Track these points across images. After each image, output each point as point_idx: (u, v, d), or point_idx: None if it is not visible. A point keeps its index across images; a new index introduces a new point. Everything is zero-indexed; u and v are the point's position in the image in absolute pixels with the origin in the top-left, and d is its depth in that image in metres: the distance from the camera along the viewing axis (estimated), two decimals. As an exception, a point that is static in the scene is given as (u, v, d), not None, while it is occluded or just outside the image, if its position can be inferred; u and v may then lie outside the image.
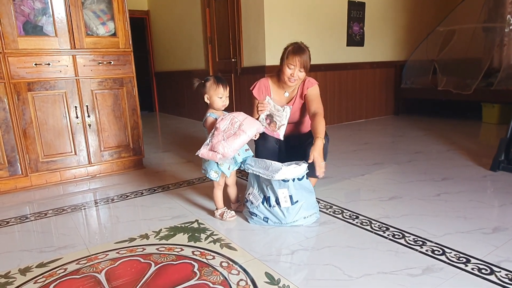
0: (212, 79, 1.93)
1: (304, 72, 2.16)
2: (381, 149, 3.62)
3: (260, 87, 2.30)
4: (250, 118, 1.86)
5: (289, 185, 1.83)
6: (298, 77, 2.16)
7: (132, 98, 3.02)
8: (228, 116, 1.85)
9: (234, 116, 1.84)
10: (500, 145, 2.71)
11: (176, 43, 6.33)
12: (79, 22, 2.72)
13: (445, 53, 5.15)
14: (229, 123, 1.81)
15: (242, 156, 1.95)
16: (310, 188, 1.93)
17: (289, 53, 2.14)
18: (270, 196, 1.87)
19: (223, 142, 1.76)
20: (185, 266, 1.53)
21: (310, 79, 2.31)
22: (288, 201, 1.84)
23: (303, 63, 2.11)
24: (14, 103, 2.55)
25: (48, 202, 2.43)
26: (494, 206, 2.09)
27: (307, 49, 2.16)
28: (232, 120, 1.82)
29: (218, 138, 1.79)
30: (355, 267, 1.48)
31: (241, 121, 1.81)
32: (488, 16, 4.95)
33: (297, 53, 2.12)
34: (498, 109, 4.62)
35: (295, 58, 2.11)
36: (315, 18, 4.60)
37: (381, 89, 5.56)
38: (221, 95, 1.92)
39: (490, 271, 1.41)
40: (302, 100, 2.30)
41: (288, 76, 2.15)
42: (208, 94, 1.93)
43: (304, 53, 2.13)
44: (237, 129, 1.79)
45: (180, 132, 5.11)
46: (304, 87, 2.28)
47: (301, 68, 2.12)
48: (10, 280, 1.49)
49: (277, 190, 1.84)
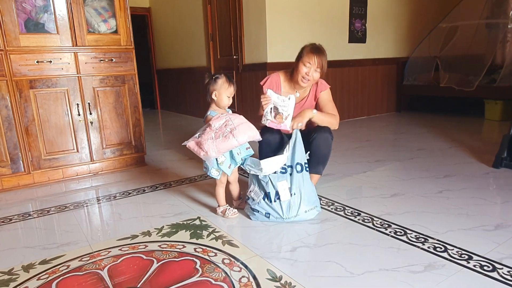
0: (224, 77, 1.91)
1: (320, 73, 2.12)
2: (383, 146, 3.61)
3: (271, 83, 2.25)
4: (245, 124, 1.81)
5: (287, 177, 1.85)
6: (313, 77, 2.11)
7: (134, 95, 3.02)
8: (224, 116, 1.82)
9: (230, 118, 1.81)
10: (502, 142, 2.70)
11: (178, 40, 6.33)
12: (81, 20, 2.71)
13: (447, 49, 5.12)
14: (223, 123, 1.79)
15: (242, 155, 1.95)
16: (310, 181, 1.94)
17: (307, 51, 2.09)
18: (270, 192, 1.87)
19: (209, 141, 1.74)
20: (187, 263, 1.54)
21: (323, 82, 2.29)
22: (287, 194, 1.85)
23: (320, 63, 2.08)
24: (16, 101, 2.56)
25: (51, 199, 2.44)
26: (496, 203, 2.09)
27: (325, 51, 2.13)
28: (227, 121, 1.80)
29: (207, 135, 1.77)
30: (356, 264, 1.48)
31: (235, 125, 1.77)
32: (491, 12, 4.92)
33: (315, 52, 2.08)
34: (501, 106, 4.59)
35: (313, 57, 2.07)
36: (316, 14, 4.58)
37: (383, 86, 5.55)
38: (230, 94, 1.92)
39: (492, 268, 1.41)
40: (315, 102, 2.29)
41: (303, 74, 2.10)
42: (218, 91, 1.91)
43: (322, 54, 2.10)
44: (228, 132, 1.76)
45: (182, 129, 5.11)
46: (317, 89, 2.26)
47: (317, 68, 2.09)
48: (13, 276, 1.50)
49: (277, 184, 1.85)
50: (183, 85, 6.37)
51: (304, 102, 2.29)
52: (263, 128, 2.12)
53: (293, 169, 1.90)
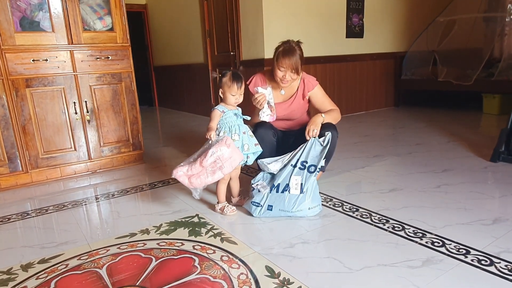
0: (228, 76, 1.92)
1: (296, 74, 2.13)
2: (382, 141, 3.61)
3: (256, 82, 2.30)
4: (233, 159, 1.84)
5: (302, 174, 1.92)
6: (291, 78, 2.14)
7: (131, 93, 3.01)
8: (215, 153, 1.82)
9: (220, 156, 1.82)
10: (500, 136, 2.70)
11: (175, 37, 6.30)
12: (76, 17, 2.70)
13: (445, 43, 5.11)
14: (213, 160, 1.82)
15: (251, 150, 1.98)
16: (316, 180, 1.97)
17: (279, 55, 2.11)
18: (280, 183, 1.92)
19: (199, 180, 1.82)
20: (186, 260, 1.54)
21: (310, 79, 2.29)
22: (298, 189, 1.89)
23: (292, 66, 2.09)
24: (13, 100, 2.55)
25: (49, 198, 2.43)
26: (494, 197, 2.09)
27: (297, 49, 2.12)
28: (217, 159, 1.82)
29: (197, 170, 1.84)
30: (355, 260, 1.48)
31: (223, 162, 1.82)
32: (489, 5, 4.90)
33: (286, 55, 2.08)
34: (499, 99, 4.59)
35: (285, 61, 2.08)
36: (314, 9, 4.56)
37: (381, 80, 5.54)
38: (234, 93, 1.92)
39: (489, 262, 1.41)
40: (303, 101, 2.30)
41: (280, 77, 2.14)
42: (223, 89, 1.94)
43: (294, 55, 2.09)
44: (217, 168, 1.83)
45: (180, 126, 5.10)
46: (305, 89, 2.27)
47: (292, 70, 2.10)
48: (12, 276, 1.50)
49: (291, 177, 1.91)
50: (180, 82, 6.35)
51: (292, 101, 2.29)
52: (257, 124, 2.20)
53: (306, 168, 1.94)
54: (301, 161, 1.96)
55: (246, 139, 1.97)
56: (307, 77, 2.29)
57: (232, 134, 1.93)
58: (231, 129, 1.94)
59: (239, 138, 1.94)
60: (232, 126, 1.95)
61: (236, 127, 1.95)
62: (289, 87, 2.29)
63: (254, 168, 2.80)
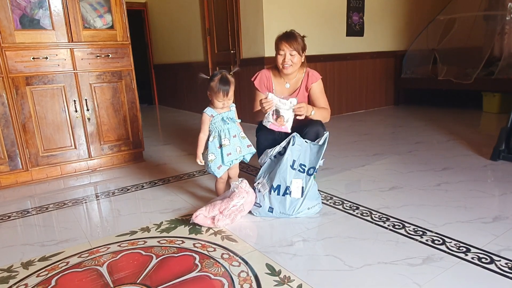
0: (216, 81, 1.85)
1: (297, 54, 2.15)
2: (382, 139, 3.61)
3: (261, 78, 2.32)
4: (251, 199, 1.91)
5: (303, 177, 1.89)
6: (292, 62, 2.16)
7: (131, 91, 3.01)
8: (239, 203, 1.85)
9: (243, 203, 1.87)
10: (500, 135, 2.70)
11: (175, 35, 6.29)
12: (76, 15, 2.69)
13: (445, 42, 5.11)
14: (236, 209, 1.86)
15: (243, 153, 1.98)
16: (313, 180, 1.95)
17: (277, 41, 2.19)
18: (281, 185, 1.88)
19: (225, 221, 1.82)
20: (186, 258, 1.54)
21: (314, 73, 2.32)
22: (299, 193, 1.87)
23: (292, 46, 2.13)
24: (13, 98, 2.55)
25: (49, 196, 2.43)
26: (494, 196, 2.10)
27: (297, 34, 2.19)
28: (240, 207, 1.86)
29: (215, 213, 1.83)
30: (355, 258, 1.48)
31: (244, 206, 1.87)
32: (489, 4, 4.90)
33: (283, 38, 2.16)
34: (499, 98, 4.59)
35: (283, 44, 2.15)
36: (314, 7, 4.55)
37: (381, 79, 5.53)
38: (220, 100, 1.87)
39: (490, 260, 1.42)
40: (307, 93, 2.31)
41: (280, 62, 2.18)
42: (210, 92, 1.90)
43: (292, 37, 2.15)
44: (237, 212, 1.86)
45: (180, 124, 5.10)
46: (308, 81, 2.28)
47: (292, 51, 2.13)
48: (12, 274, 1.50)
49: (292, 180, 1.87)
50: (180, 80, 6.34)
51: (296, 94, 2.30)
52: (259, 126, 2.20)
53: (306, 172, 1.93)
54: (300, 163, 1.93)
55: (237, 142, 1.95)
56: (312, 71, 2.32)
57: (222, 139, 1.91)
58: (221, 134, 1.91)
59: (229, 143, 1.91)
60: (221, 131, 1.91)
61: (226, 131, 1.91)
62: (294, 81, 2.30)
63: (254, 167, 2.80)
